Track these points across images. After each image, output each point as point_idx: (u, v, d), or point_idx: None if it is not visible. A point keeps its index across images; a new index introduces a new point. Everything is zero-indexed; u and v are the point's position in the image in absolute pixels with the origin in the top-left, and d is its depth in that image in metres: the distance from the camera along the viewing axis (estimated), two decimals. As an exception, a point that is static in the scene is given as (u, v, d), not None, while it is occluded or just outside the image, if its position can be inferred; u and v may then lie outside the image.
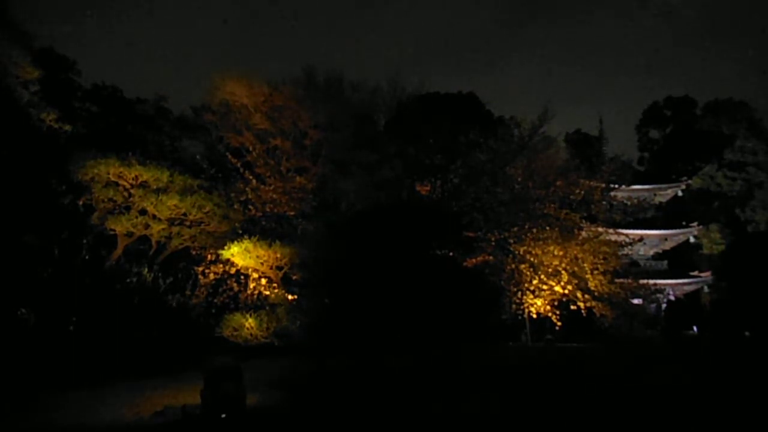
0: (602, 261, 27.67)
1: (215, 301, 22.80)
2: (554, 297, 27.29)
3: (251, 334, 19.99)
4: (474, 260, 26.22)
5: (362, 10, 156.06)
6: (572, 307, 27.58)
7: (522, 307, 27.61)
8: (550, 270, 27.14)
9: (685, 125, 51.84)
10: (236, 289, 23.48)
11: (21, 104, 21.38)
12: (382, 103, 30.23)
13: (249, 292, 23.43)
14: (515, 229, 27.74)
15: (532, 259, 27.21)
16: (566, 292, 27.12)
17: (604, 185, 32.19)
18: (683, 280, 39.53)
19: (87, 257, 19.58)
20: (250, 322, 20.03)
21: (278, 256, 21.61)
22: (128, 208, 20.73)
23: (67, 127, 22.98)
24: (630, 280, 30.29)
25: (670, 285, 38.96)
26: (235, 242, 21.32)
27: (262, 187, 25.79)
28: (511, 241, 27.68)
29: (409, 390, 13.14)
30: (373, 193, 26.48)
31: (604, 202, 32.26)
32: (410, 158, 28.78)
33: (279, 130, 26.23)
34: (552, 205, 28.35)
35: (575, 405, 11.90)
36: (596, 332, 29.28)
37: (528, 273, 27.17)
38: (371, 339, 18.76)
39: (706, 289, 40.13)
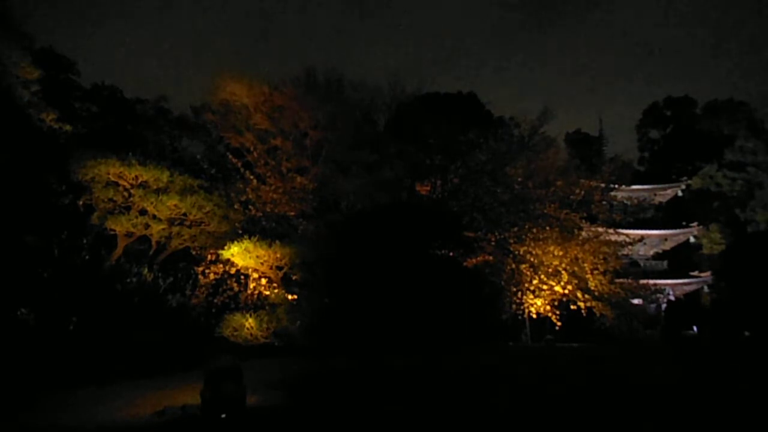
0: (602, 261, 27.73)
1: (215, 301, 22.83)
2: (554, 297, 27.34)
3: (251, 334, 20.01)
4: (474, 260, 26.22)
5: (362, 11, 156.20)
6: (572, 307, 27.63)
7: (522, 307, 27.66)
8: (550, 270, 27.19)
9: (685, 125, 51.87)
10: (236, 289, 23.51)
11: (21, 104, 21.38)
12: (382, 103, 30.27)
13: (249, 292, 23.46)
14: (515, 229, 27.78)
15: (532, 259, 27.24)
16: (566, 292, 27.16)
17: (604, 185, 32.24)
18: (683, 280, 39.55)
19: (87, 257, 19.58)
20: (250, 322, 20.05)
21: (278, 256, 21.61)
22: (128, 208, 20.75)
23: (67, 127, 23.00)
24: (630, 280, 30.37)
25: (670, 285, 38.98)
26: (235, 242, 21.33)
27: (263, 187, 25.78)
28: (511, 241, 27.71)
29: (409, 390, 13.13)
30: (374, 193, 26.48)
31: (604, 202, 32.29)
32: (410, 158, 28.79)
33: (279, 130, 26.23)
34: (552, 205, 28.40)
35: (573, 408, 11.88)
36: (596, 332, 29.33)
37: (528, 273, 27.22)
38: (371, 339, 18.76)
39: (706, 289, 40.13)
